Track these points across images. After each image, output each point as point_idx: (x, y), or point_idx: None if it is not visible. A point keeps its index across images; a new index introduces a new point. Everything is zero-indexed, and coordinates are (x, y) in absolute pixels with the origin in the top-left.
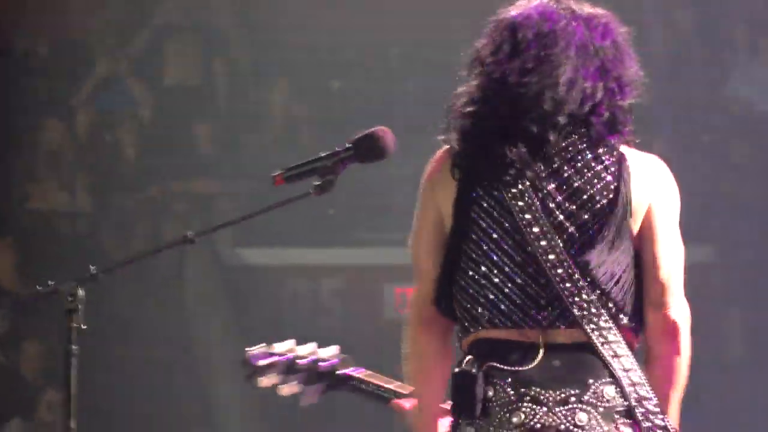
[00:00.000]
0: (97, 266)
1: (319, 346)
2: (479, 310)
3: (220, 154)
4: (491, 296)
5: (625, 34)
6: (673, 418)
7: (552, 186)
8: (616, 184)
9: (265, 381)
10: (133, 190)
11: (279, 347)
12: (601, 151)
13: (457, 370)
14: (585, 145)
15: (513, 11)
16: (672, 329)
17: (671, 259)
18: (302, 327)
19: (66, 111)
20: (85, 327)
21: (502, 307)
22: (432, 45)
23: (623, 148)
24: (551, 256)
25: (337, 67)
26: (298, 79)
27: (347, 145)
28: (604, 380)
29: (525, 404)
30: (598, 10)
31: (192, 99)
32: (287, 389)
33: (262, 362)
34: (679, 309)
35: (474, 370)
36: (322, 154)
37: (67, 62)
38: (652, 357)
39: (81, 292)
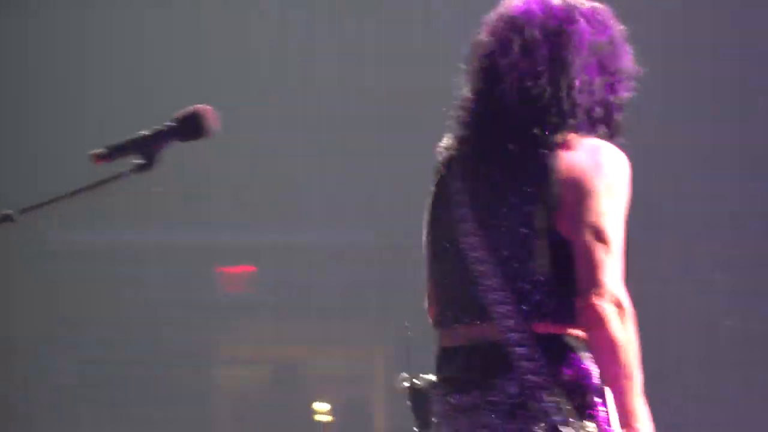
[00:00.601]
0: None
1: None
2: (434, 309)
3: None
4: (438, 294)
5: (622, 30)
6: (637, 411)
7: (485, 181)
8: (539, 176)
9: None
10: None
11: None
12: (537, 142)
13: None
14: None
15: (514, 5)
16: (597, 318)
17: (597, 247)
18: (128, 309)
19: None
20: None
21: (441, 304)
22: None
23: (567, 137)
24: (475, 253)
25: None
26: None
27: (169, 123)
28: (507, 377)
29: (450, 412)
30: (596, 5)
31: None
32: None
33: None
34: (605, 298)
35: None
36: (143, 132)
37: None
38: (590, 347)
39: None
